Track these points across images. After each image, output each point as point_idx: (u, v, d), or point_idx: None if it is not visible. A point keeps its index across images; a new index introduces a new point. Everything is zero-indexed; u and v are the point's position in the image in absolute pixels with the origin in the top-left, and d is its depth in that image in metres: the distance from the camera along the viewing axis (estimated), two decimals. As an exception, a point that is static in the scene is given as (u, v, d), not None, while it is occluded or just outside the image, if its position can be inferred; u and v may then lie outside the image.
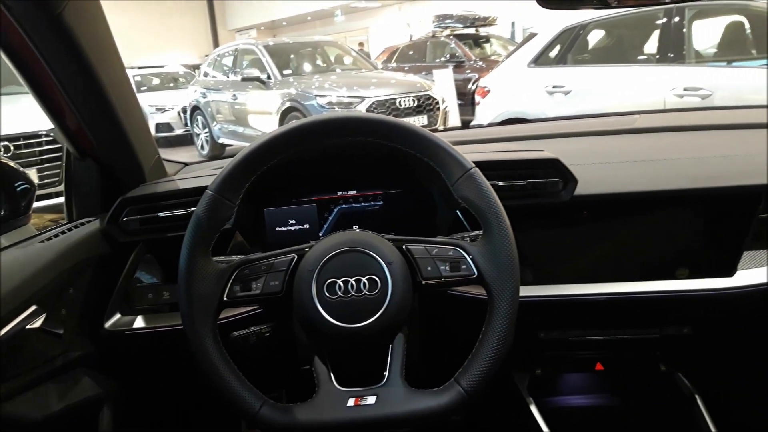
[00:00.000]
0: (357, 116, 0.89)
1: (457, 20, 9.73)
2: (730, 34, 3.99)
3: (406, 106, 6.34)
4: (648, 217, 1.13)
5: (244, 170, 0.86)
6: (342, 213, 1.12)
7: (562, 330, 1.13)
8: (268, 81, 7.08)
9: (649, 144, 1.27)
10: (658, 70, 3.88)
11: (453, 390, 0.79)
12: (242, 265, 0.86)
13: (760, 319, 1.13)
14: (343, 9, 19.13)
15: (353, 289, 0.82)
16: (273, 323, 1.03)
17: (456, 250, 0.85)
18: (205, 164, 1.41)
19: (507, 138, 1.33)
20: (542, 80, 4.44)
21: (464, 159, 0.85)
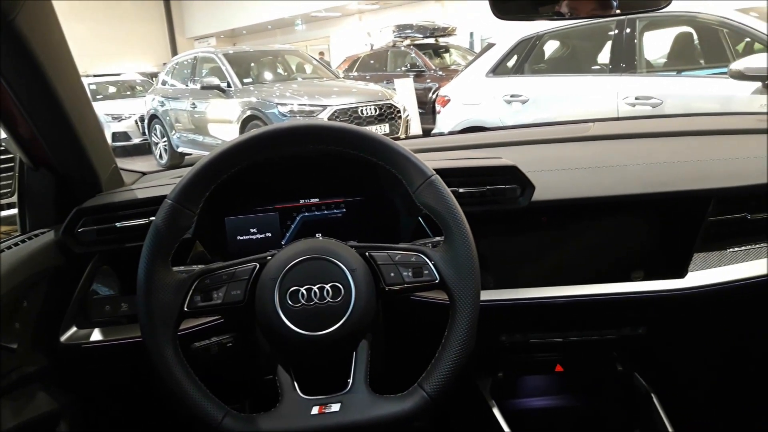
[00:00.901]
0: (319, 124, 0.89)
1: (417, 30, 9.83)
2: (679, 44, 4.14)
3: (368, 115, 6.37)
4: (603, 221, 1.16)
5: (205, 179, 0.85)
6: (304, 221, 1.12)
7: (522, 333, 1.15)
8: (228, 89, 7.01)
9: (603, 151, 1.31)
10: (611, 80, 3.99)
11: (417, 395, 0.79)
12: (203, 274, 0.85)
13: (710, 318, 1.17)
14: (304, 18, 19.11)
15: (316, 296, 0.82)
16: (234, 333, 1.02)
17: (418, 255, 0.86)
18: (163, 173, 1.39)
19: (467, 146, 1.35)
20: (500, 89, 4.52)
21: (425, 166, 0.86)
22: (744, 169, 1.15)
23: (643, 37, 4.01)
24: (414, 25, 9.97)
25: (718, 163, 1.19)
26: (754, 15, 3.50)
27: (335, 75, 8.17)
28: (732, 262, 1.10)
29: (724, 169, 1.16)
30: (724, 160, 1.20)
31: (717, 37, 3.86)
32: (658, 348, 1.24)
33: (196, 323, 1.00)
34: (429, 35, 9.86)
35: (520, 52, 4.55)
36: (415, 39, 9.78)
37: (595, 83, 4.17)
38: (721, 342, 1.29)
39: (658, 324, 1.16)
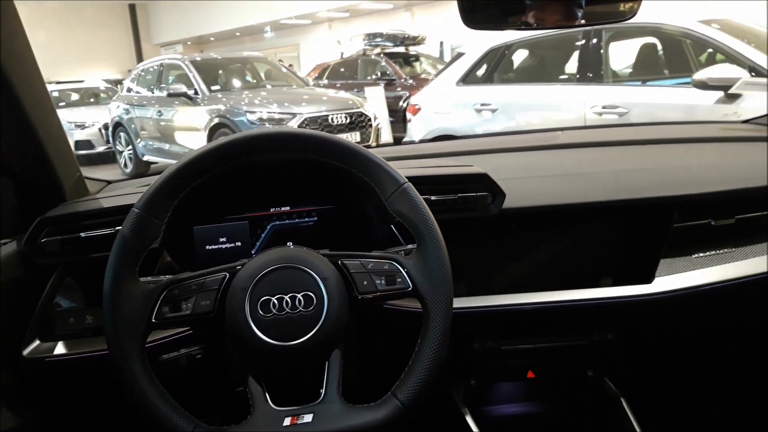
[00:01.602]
0: (290, 132, 0.88)
1: (387, 39, 9.88)
2: (644, 55, 4.24)
3: (339, 123, 6.36)
4: (572, 228, 1.18)
5: (173, 187, 0.84)
6: (275, 230, 1.10)
7: (494, 340, 1.15)
8: (195, 97, 6.93)
9: (571, 159, 1.33)
10: (579, 89, 4.07)
11: (390, 404, 0.79)
12: (171, 285, 0.83)
13: (676, 322, 1.20)
14: (273, 25, 19.05)
15: (288, 306, 0.81)
16: (204, 344, 1.00)
17: (391, 263, 0.86)
18: (129, 182, 1.36)
19: (438, 154, 1.35)
20: (470, 98, 4.57)
21: (398, 174, 0.86)
22: (708, 177, 1.18)
23: (609, 47, 4.10)
24: (384, 34, 10.02)
25: (683, 170, 1.21)
26: (716, 27, 3.61)
27: (305, 83, 8.16)
28: (697, 267, 1.12)
29: (688, 177, 1.18)
30: (689, 167, 1.23)
31: (680, 47, 3.98)
32: (626, 353, 1.25)
33: (164, 335, 0.97)
34: (399, 44, 9.92)
35: (490, 61, 4.61)
36: (385, 47, 9.82)
37: (563, 92, 4.24)
38: (688, 345, 1.32)
39: (627, 329, 1.17)
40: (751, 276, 1.11)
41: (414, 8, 16.27)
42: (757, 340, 1.33)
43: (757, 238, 1.16)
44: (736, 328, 1.28)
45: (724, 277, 1.11)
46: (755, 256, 1.13)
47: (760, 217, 1.16)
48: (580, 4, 1.08)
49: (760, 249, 1.14)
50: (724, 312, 1.20)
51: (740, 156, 1.30)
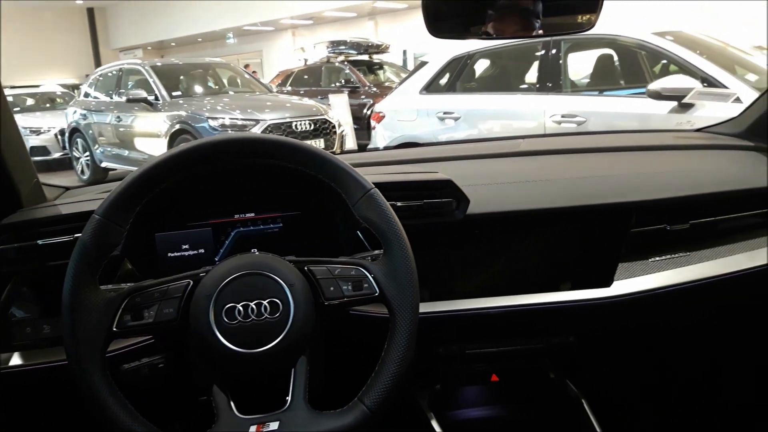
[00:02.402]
0: (255, 137, 0.88)
1: (351, 46, 9.92)
2: (601, 65, 4.36)
3: (303, 130, 6.34)
4: (534, 233, 1.20)
5: (135, 193, 0.83)
6: (240, 236, 1.09)
7: (459, 344, 1.17)
8: (155, 102, 6.82)
9: (533, 166, 1.36)
10: (539, 98, 4.15)
11: (357, 409, 0.79)
12: (133, 293, 0.81)
13: (635, 324, 1.23)
14: (236, 31, 18.88)
15: (254, 313, 0.80)
16: (166, 353, 0.99)
17: (358, 269, 0.86)
18: (89, 188, 1.33)
19: (403, 160, 1.36)
20: (433, 106, 4.62)
21: (364, 180, 0.87)
22: (663, 183, 1.22)
23: (568, 58, 4.20)
24: (348, 42, 10.05)
25: (639, 177, 1.25)
26: (670, 38, 3.74)
27: (268, 89, 8.11)
28: (654, 271, 1.16)
29: (644, 183, 1.22)
30: (645, 174, 1.26)
31: (636, 59, 4.10)
32: (587, 355, 1.28)
33: (126, 344, 0.95)
34: (363, 52, 9.96)
35: (452, 70, 4.66)
36: (349, 55, 9.85)
37: (524, 101, 4.32)
38: (646, 347, 1.35)
39: (587, 331, 1.20)
40: (704, 279, 1.15)
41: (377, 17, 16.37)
42: (711, 341, 1.37)
43: (710, 243, 1.20)
44: (692, 330, 1.32)
45: (679, 280, 1.14)
46: (708, 260, 1.17)
47: (712, 222, 1.20)
48: (537, 16, 1.11)
49: (713, 253, 1.19)
50: (680, 314, 1.23)
51: (693, 163, 1.35)
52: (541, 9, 1.10)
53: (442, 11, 1.15)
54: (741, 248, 1.20)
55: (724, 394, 1.44)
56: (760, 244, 1.20)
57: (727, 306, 1.26)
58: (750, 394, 1.44)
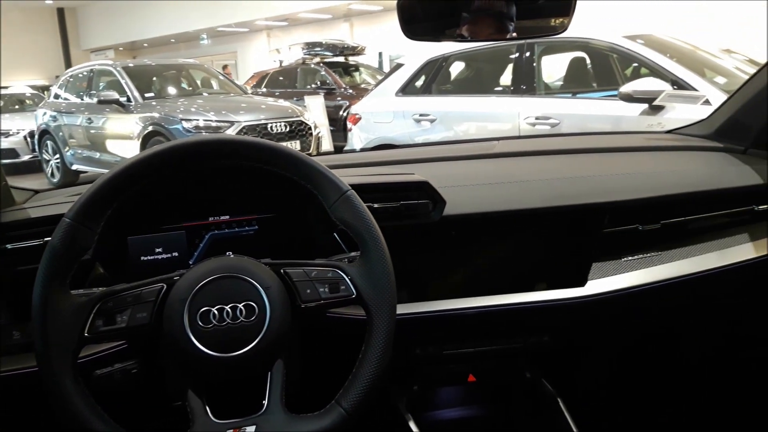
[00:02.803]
0: (230, 139, 0.87)
1: (327, 48, 9.89)
2: (574, 68, 4.42)
3: (278, 132, 6.30)
4: (510, 234, 1.21)
5: (107, 196, 0.81)
6: (214, 239, 1.08)
7: (436, 345, 1.17)
8: (128, 104, 6.72)
9: (507, 167, 1.37)
10: (513, 101, 4.19)
11: (334, 412, 0.79)
12: (105, 297, 0.80)
13: (608, 323, 1.25)
14: (209, 32, 18.70)
15: (229, 316, 0.79)
16: (140, 358, 0.97)
17: (335, 271, 0.86)
18: (59, 191, 1.31)
19: (379, 162, 1.36)
20: (409, 108, 4.63)
21: (341, 181, 0.86)
22: (635, 184, 1.24)
23: (542, 60, 4.24)
24: (324, 43, 10.02)
25: (612, 178, 1.27)
26: (641, 42, 3.81)
27: (243, 91, 8.04)
28: (627, 270, 1.17)
29: (617, 184, 1.24)
30: (617, 175, 1.28)
31: (608, 62, 4.17)
32: (562, 354, 1.30)
33: (98, 349, 0.94)
34: (339, 53, 9.94)
35: (428, 72, 4.69)
36: (324, 57, 9.83)
37: (498, 104, 4.36)
38: (620, 345, 1.37)
39: (562, 331, 1.21)
40: (675, 278, 1.17)
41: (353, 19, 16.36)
42: (683, 339, 1.40)
43: (681, 242, 1.23)
44: (664, 328, 1.35)
45: (652, 279, 1.16)
46: (679, 259, 1.19)
47: (683, 222, 1.23)
48: (511, 19, 1.12)
49: (684, 252, 1.21)
50: (653, 312, 1.26)
51: (664, 164, 1.38)
52: (515, 12, 1.12)
53: (416, 14, 1.16)
54: (711, 247, 1.22)
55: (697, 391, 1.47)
56: (729, 244, 1.23)
57: (699, 304, 1.29)
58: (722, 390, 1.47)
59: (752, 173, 1.29)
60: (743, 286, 1.28)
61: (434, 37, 1.24)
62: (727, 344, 1.44)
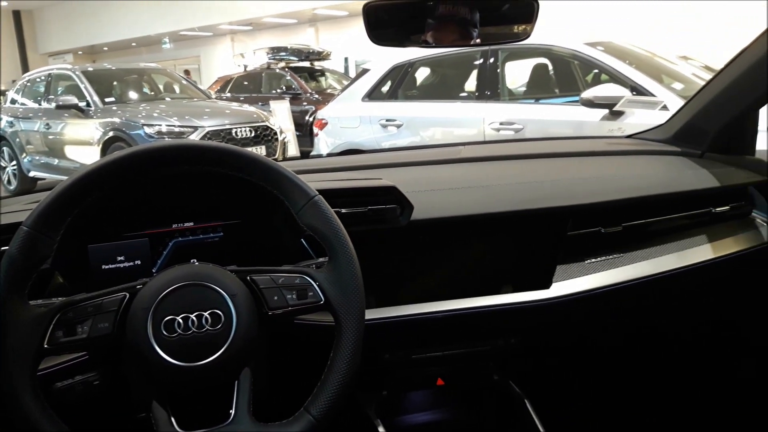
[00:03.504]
0: (194, 144, 0.86)
1: (292, 53, 9.85)
2: (537, 74, 4.49)
3: (243, 137, 6.24)
4: (476, 238, 1.22)
5: (66, 203, 0.79)
6: (178, 247, 1.06)
7: (405, 350, 1.17)
8: (87, 109, 6.57)
9: (473, 172, 1.38)
10: (478, 106, 4.24)
11: (303, 419, 0.78)
12: (65, 307, 0.78)
13: (573, 324, 1.27)
14: (172, 36, 18.41)
15: (194, 325, 0.78)
16: (102, 370, 0.95)
17: (302, 277, 0.85)
18: (16, 199, 1.27)
19: (346, 167, 1.36)
20: (376, 113, 4.64)
21: (308, 187, 0.86)
22: (597, 188, 1.26)
23: (506, 67, 4.31)
24: (289, 48, 9.97)
25: (575, 182, 1.29)
26: (601, 49, 3.90)
27: (207, 95, 7.94)
28: (590, 272, 1.20)
29: (579, 188, 1.26)
30: (580, 179, 1.31)
31: (569, 68, 4.25)
32: (529, 356, 1.31)
33: (58, 361, 0.91)
34: (304, 58, 9.91)
35: (394, 78, 4.71)
36: (290, 62, 9.78)
37: (463, 109, 4.41)
38: (585, 345, 1.40)
39: (529, 333, 1.23)
40: (637, 279, 1.20)
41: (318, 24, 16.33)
42: (645, 339, 1.43)
43: (642, 244, 1.25)
44: (628, 328, 1.38)
45: (614, 280, 1.18)
46: (641, 261, 1.22)
47: (644, 224, 1.26)
48: (475, 25, 1.13)
49: (645, 254, 1.24)
50: (616, 313, 1.28)
51: (625, 168, 1.41)
52: (479, 19, 1.13)
53: (382, 19, 1.16)
54: (671, 249, 1.25)
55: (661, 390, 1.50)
56: (688, 245, 1.27)
57: (661, 304, 1.32)
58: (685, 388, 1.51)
59: (709, 176, 1.33)
60: (702, 286, 1.32)
61: (400, 43, 1.25)
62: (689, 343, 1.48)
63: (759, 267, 1.32)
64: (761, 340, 1.47)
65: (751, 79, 1.30)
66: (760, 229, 1.34)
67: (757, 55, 1.28)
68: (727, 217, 1.32)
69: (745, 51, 1.32)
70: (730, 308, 1.44)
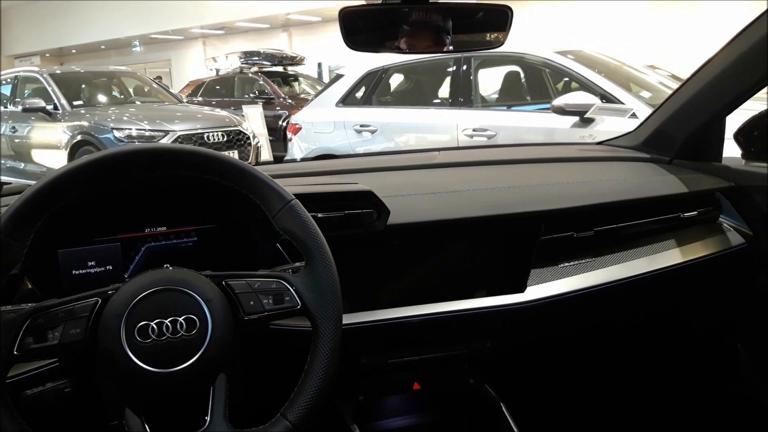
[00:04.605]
0: (168, 148, 0.85)
1: (265, 58, 9.81)
2: (509, 82, 4.55)
3: (215, 141, 6.18)
4: (452, 242, 1.23)
5: (36, 207, 0.77)
6: (151, 251, 1.04)
7: (381, 354, 1.17)
8: (55, 112, 6.44)
9: (448, 177, 1.39)
10: (451, 113, 4.28)
11: (280, 425, 0.77)
12: (35, 313, 0.76)
13: (547, 327, 1.28)
14: (142, 39, 18.16)
15: (169, 331, 0.77)
16: (73, 377, 0.93)
17: (279, 282, 0.84)
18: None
19: (322, 172, 1.36)
20: (350, 119, 4.64)
21: (284, 191, 0.86)
22: (569, 193, 1.28)
23: (478, 74, 4.35)
24: (262, 53, 9.94)
25: (547, 187, 1.31)
26: (571, 57, 3.97)
27: (178, 99, 7.85)
28: (563, 276, 1.21)
29: (552, 193, 1.28)
30: (553, 184, 1.33)
31: (541, 76, 4.32)
32: (504, 359, 1.32)
33: (27, 368, 0.89)
34: (277, 63, 9.88)
35: (368, 84, 4.72)
36: (263, 66, 9.74)
37: (437, 116, 4.44)
38: (559, 349, 1.41)
39: (504, 336, 1.24)
40: (608, 282, 1.22)
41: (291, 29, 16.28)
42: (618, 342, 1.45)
43: (613, 248, 1.28)
44: (600, 331, 1.40)
45: (586, 284, 1.20)
46: (612, 265, 1.25)
47: (615, 229, 1.28)
48: (448, 32, 1.14)
49: (616, 258, 1.26)
50: (588, 316, 1.30)
51: (596, 174, 1.43)
52: (452, 26, 1.14)
53: (358, 25, 1.17)
54: (642, 253, 1.28)
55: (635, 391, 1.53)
56: (658, 249, 1.29)
57: (632, 307, 1.34)
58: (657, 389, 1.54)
59: (678, 182, 1.36)
60: (672, 289, 1.35)
61: (374, 48, 1.26)
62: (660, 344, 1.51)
63: (727, 270, 1.36)
64: (728, 340, 1.51)
65: (718, 87, 1.34)
66: (727, 233, 1.37)
67: (724, 64, 1.32)
68: (696, 221, 1.35)
69: (712, 60, 1.36)
70: (699, 310, 1.48)
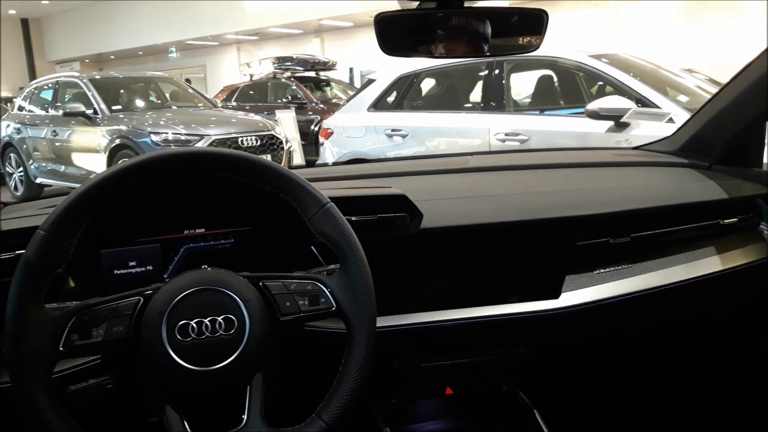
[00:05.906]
0: (208, 151, 0.87)
1: (298, 63, 9.90)
2: (542, 86, 4.51)
3: (249, 146, 6.26)
4: (486, 247, 1.23)
5: (82, 208, 0.80)
6: (189, 253, 1.07)
7: (414, 358, 1.17)
8: (94, 117, 6.60)
9: (481, 181, 1.39)
10: (483, 117, 4.25)
11: (315, 425, 0.78)
12: (80, 311, 0.79)
13: (583, 335, 1.27)
14: (178, 45, 18.53)
15: (208, 330, 0.79)
16: (115, 374, 0.95)
17: (314, 284, 0.86)
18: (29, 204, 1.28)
19: (355, 176, 1.37)
20: (381, 123, 4.66)
21: (320, 194, 0.87)
22: (605, 199, 1.27)
23: (511, 78, 4.32)
24: (294, 58, 10.02)
25: (583, 192, 1.30)
26: (605, 61, 3.91)
27: (213, 104, 7.99)
28: (599, 282, 1.20)
29: (588, 199, 1.27)
30: (588, 190, 1.31)
31: (574, 80, 4.26)
32: (538, 365, 1.31)
33: (72, 365, 0.92)
34: (310, 68, 9.95)
35: (399, 88, 4.72)
36: (295, 71, 9.83)
37: (469, 120, 4.41)
38: (594, 356, 1.40)
39: (538, 343, 1.23)
40: (646, 290, 1.20)
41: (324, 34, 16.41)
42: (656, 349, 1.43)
43: (651, 255, 1.26)
44: (637, 339, 1.38)
45: (623, 291, 1.19)
46: (649, 272, 1.23)
47: (652, 235, 1.26)
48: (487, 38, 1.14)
49: (653, 265, 1.24)
50: (625, 323, 1.28)
51: (632, 179, 1.41)
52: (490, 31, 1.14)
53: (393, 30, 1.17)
54: (680, 260, 1.26)
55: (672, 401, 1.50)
56: (697, 257, 1.27)
57: (670, 315, 1.32)
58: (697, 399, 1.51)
59: (717, 188, 1.33)
60: (711, 298, 1.32)
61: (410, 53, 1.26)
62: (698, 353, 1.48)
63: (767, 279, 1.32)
64: None
65: (758, 92, 1.31)
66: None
67: (765, 68, 1.29)
68: (735, 228, 1.32)
69: (753, 63, 1.33)
70: (738, 319, 1.44)
